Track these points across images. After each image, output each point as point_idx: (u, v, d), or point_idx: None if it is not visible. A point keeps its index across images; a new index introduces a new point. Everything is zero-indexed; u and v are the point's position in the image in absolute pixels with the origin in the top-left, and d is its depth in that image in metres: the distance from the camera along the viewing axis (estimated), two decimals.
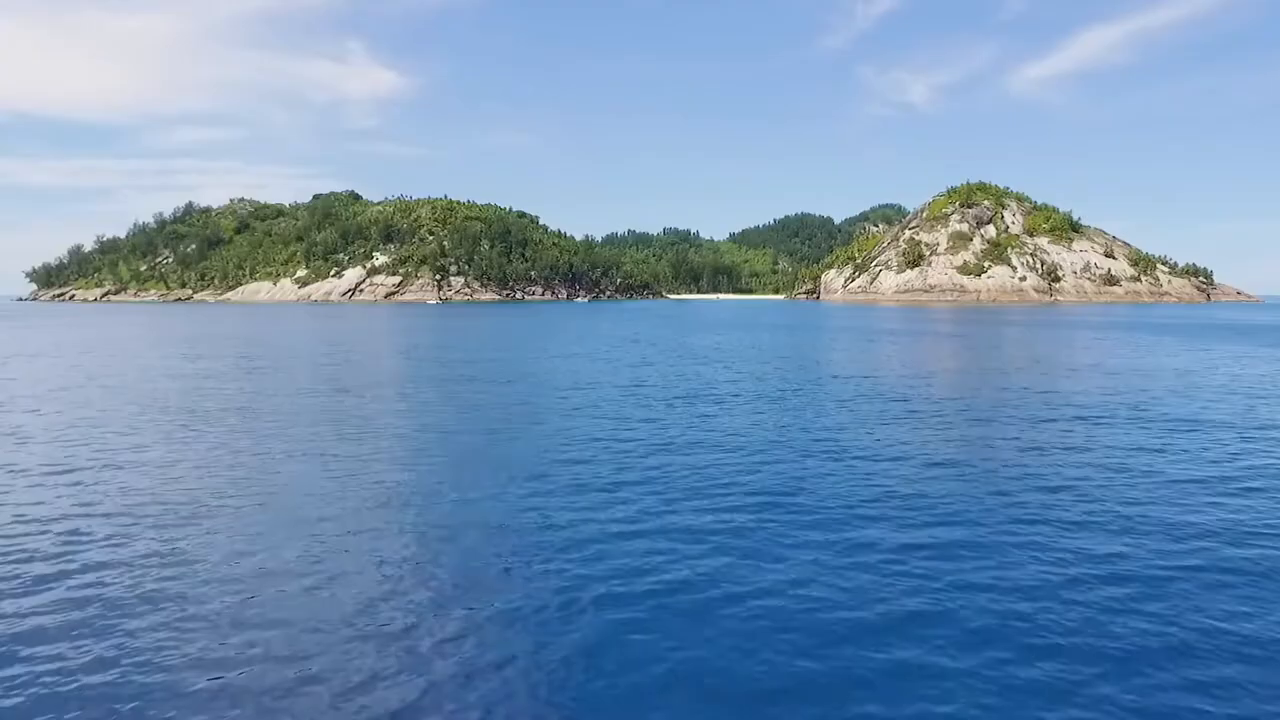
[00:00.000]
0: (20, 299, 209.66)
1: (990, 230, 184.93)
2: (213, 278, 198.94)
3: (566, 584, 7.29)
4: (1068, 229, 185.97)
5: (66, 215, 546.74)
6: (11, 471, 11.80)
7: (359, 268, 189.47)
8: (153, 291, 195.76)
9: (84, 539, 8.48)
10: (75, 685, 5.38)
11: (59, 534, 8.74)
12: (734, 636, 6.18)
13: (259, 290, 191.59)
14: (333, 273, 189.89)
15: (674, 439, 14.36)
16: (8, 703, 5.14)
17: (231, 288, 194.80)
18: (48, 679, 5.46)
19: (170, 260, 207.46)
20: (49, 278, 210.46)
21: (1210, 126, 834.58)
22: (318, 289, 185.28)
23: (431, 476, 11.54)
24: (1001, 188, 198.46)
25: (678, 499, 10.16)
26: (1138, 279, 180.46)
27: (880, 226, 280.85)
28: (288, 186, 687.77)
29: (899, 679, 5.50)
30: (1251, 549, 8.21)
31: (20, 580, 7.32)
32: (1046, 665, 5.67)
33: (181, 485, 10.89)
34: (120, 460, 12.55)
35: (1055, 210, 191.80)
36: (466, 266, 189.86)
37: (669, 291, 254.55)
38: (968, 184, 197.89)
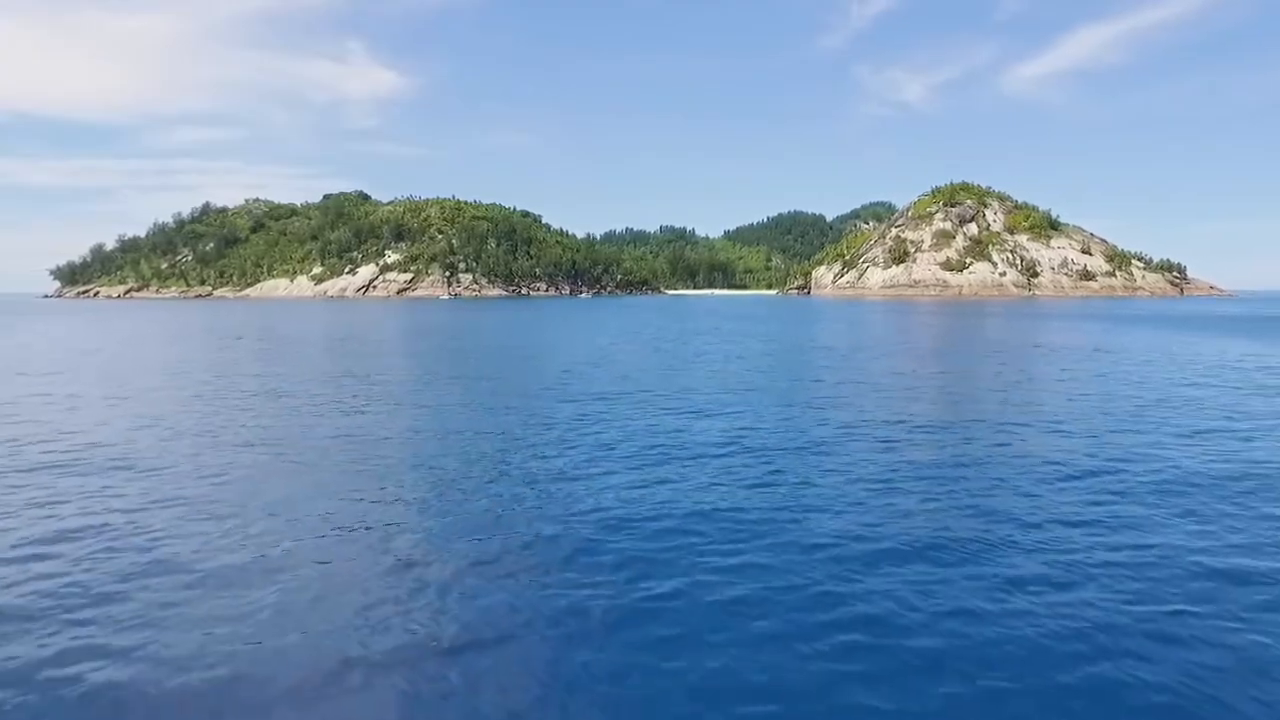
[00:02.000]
0: (46, 296, 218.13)
1: (973, 228, 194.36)
2: (231, 275, 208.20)
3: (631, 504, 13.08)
4: (1046, 227, 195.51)
5: (67, 215, 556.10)
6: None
7: (372, 265, 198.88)
8: (173, 288, 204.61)
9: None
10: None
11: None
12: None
13: (276, 287, 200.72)
14: (347, 270, 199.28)
15: (692, 380, 23.78)
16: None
17: (250, 285, 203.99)
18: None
19: (190, 258, 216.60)
20: (73, 275, 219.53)
21: (1204, 126, 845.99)
22: (333, 285, 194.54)
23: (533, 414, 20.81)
24: (984, 187, 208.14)
25: (685, 409, 19.48)
26: (1112, 274, 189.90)
27: (871, 224, 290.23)
28: (288, 186, 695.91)
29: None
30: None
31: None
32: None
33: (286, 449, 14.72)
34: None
35: (1035, 209, 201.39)
36: (474, 264, 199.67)
37: (666, 288, 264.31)
38: (951, 184, 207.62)
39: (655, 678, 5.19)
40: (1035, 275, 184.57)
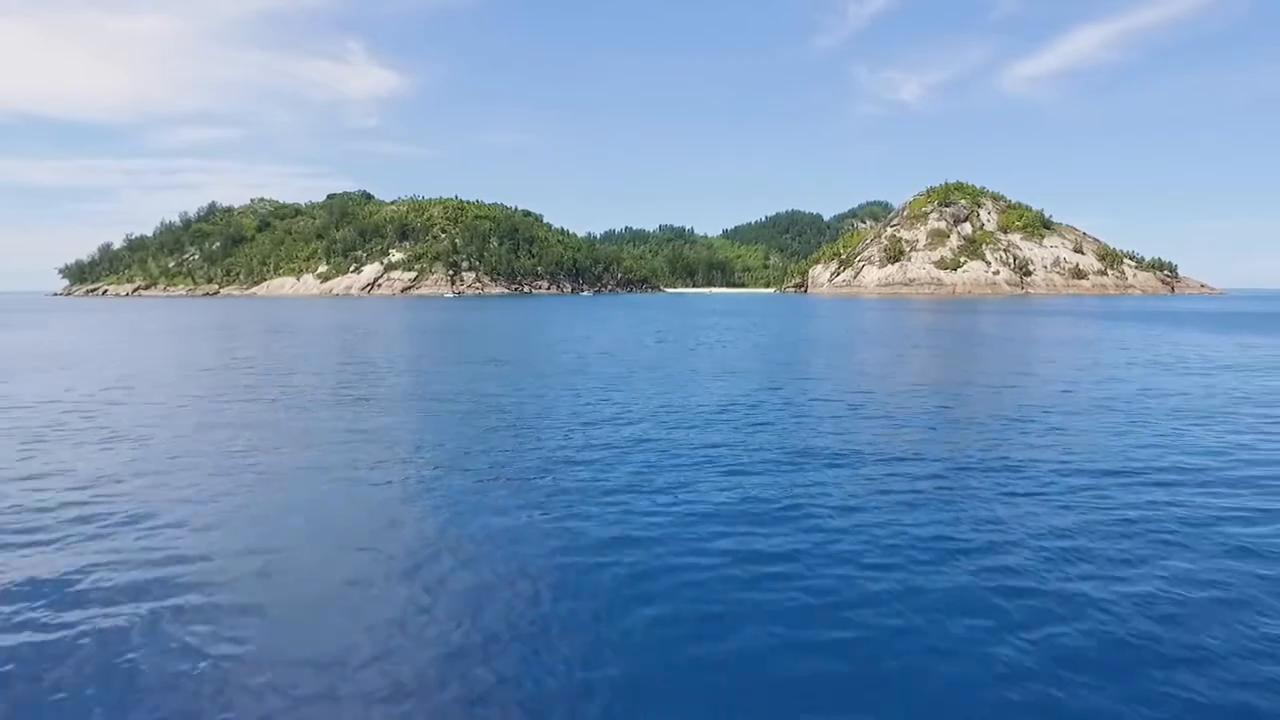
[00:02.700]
0: (54, 294, 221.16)
1: (967, 228, 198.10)
2: (238, 274, 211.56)
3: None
4: (1039, 226, 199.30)
5: (69, 215, 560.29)
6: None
7: (377, 264, 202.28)
8: (180, 287, 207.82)
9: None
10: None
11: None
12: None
13: (283, 285, 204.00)
14: (352, 268, 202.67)
15: (695, 362, 27.23)
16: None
17: (256, 283, 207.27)
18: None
19: (197, 257, 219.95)
20: (81, 274, 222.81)
21: (1200, 125, 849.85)
22: (339, 284, 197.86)
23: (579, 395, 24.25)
24: (978, 187, 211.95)
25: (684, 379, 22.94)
26: (1104, 273, 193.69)
27: (868, 223, 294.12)
28: (289, 185, 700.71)
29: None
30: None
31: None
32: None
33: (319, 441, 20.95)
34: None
35: (1028, 209, 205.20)
36: (477, 262, 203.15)
37: (666, 286, 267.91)
38: (946, 184, 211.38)
39: (668, 528, 8.61)
40: (1028, 274, 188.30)
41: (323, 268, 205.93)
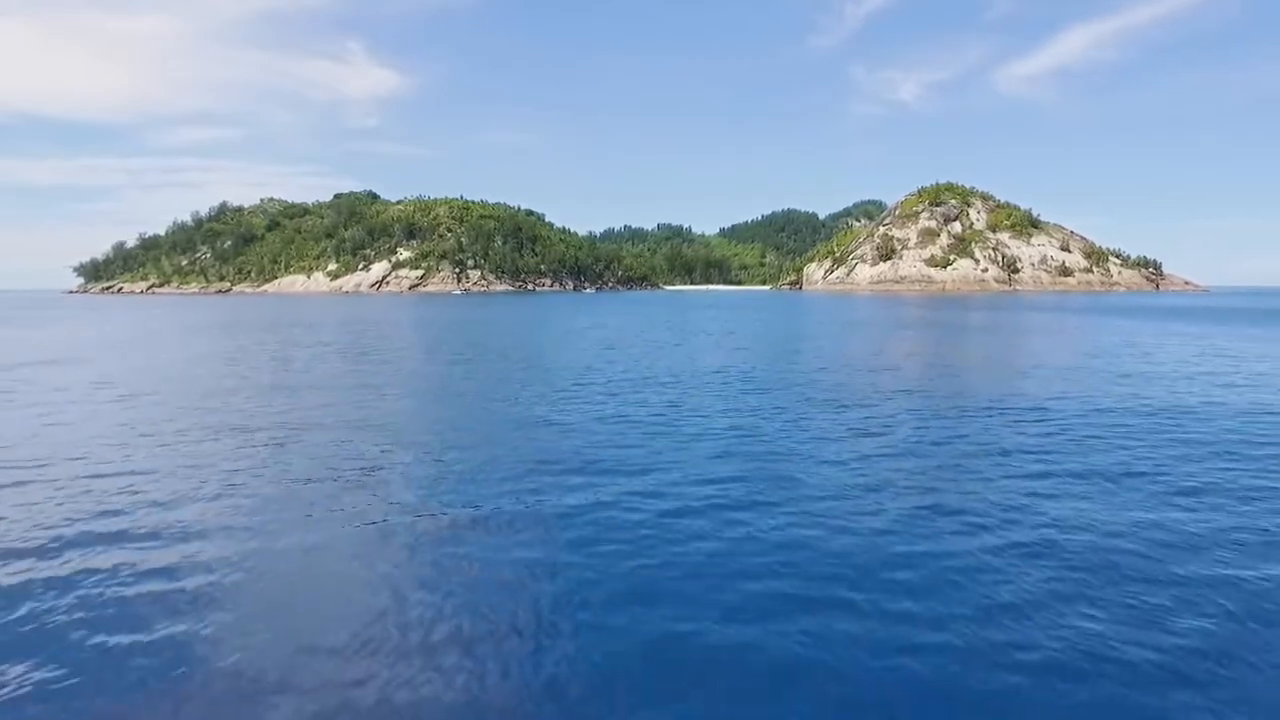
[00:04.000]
0: (70, 291, 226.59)
1: (956, 226, 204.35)
2: (249, 271, 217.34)
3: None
4: (1027, 225, 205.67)
5: (71, 214, 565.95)
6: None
7: (384, 262, 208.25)
8: (194, 285, 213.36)
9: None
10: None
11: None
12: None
13: (294, 283, 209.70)
14: (361, 266, 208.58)
15: (697, 344, 33.18)
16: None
17: (267, 281, 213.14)
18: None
19: (209, 256, 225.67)
20: (96, 272, 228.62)
21: (1195, 124, 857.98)
22: (348, 281, 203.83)
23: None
24: (967, 187, 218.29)
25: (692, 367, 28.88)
26: (1090, 270, 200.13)
27: (863, 221, 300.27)
28: (290, 185, 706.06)
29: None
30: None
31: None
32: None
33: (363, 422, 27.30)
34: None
35: (1016, 208, 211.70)
36: (482, 261, 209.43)
37: (664, 283, 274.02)
38: (937, 184, 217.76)
39: (670, 457, 14.50)
40: (1016, 271, 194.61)
41: (332, 266, 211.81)
